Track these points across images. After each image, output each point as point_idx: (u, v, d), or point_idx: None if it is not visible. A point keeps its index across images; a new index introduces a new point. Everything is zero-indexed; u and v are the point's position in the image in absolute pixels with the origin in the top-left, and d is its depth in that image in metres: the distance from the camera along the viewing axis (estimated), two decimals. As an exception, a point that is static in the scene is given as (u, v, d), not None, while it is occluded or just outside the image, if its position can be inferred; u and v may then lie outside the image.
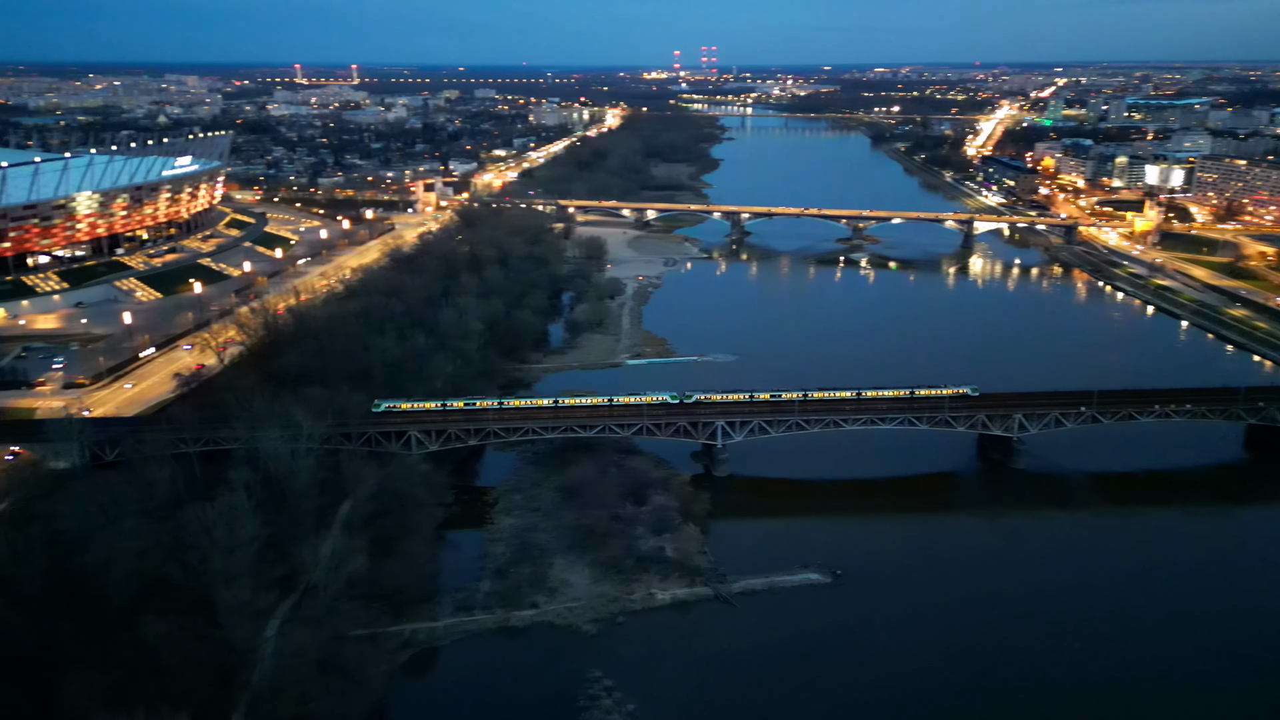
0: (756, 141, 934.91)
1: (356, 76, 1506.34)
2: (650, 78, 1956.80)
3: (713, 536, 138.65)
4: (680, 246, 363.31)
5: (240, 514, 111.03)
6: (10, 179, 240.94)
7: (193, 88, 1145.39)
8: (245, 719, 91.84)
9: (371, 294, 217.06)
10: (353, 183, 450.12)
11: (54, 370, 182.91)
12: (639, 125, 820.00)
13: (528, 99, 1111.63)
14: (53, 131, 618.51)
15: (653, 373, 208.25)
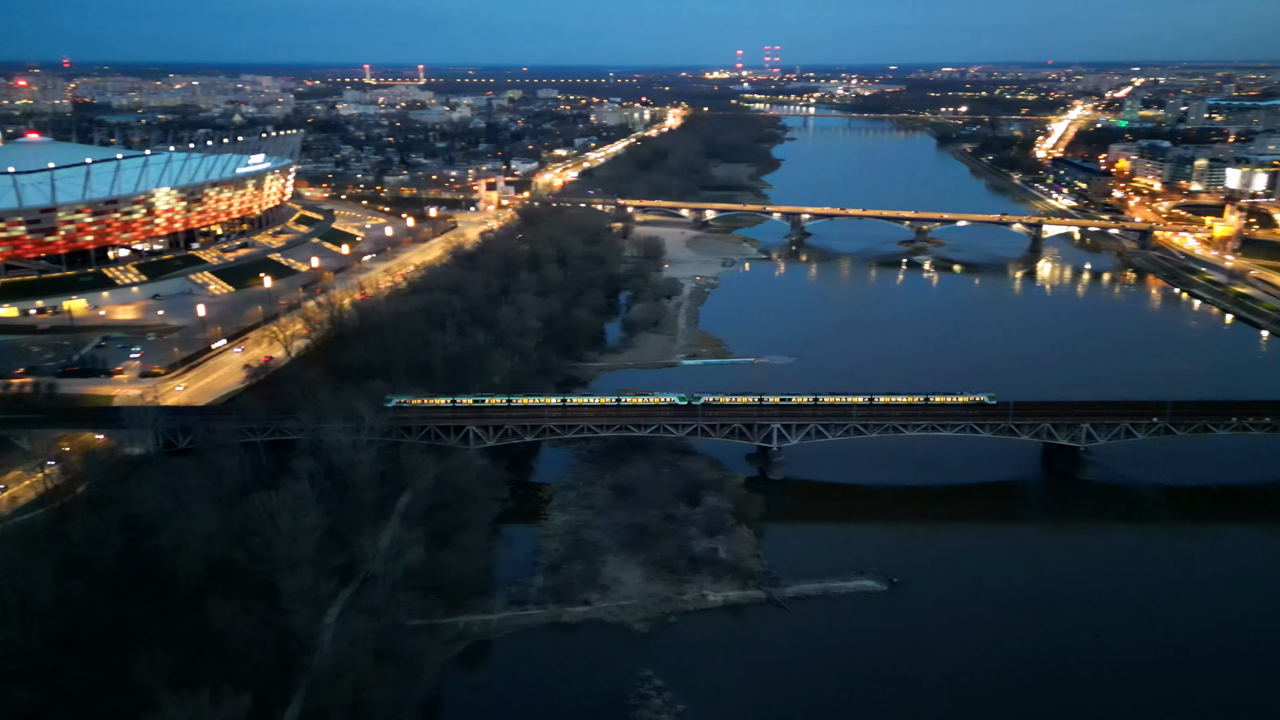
0: (819, 142, 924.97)
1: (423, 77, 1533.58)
2: (712, 77, 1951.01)
3: (767, 540, 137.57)
4: (739, 247, 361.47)
5: (304, 502, 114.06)
6: (94, 175, 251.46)
7: (266, 88, 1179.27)
8: (305, 703, 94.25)
9: (433, 290, 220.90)
10: (417, 181, 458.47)
11: (131, 359, 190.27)
12: (700, 125, 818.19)
13: (589, 99, 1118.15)
14: (134, 129, 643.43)
15: (708, 373, 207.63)
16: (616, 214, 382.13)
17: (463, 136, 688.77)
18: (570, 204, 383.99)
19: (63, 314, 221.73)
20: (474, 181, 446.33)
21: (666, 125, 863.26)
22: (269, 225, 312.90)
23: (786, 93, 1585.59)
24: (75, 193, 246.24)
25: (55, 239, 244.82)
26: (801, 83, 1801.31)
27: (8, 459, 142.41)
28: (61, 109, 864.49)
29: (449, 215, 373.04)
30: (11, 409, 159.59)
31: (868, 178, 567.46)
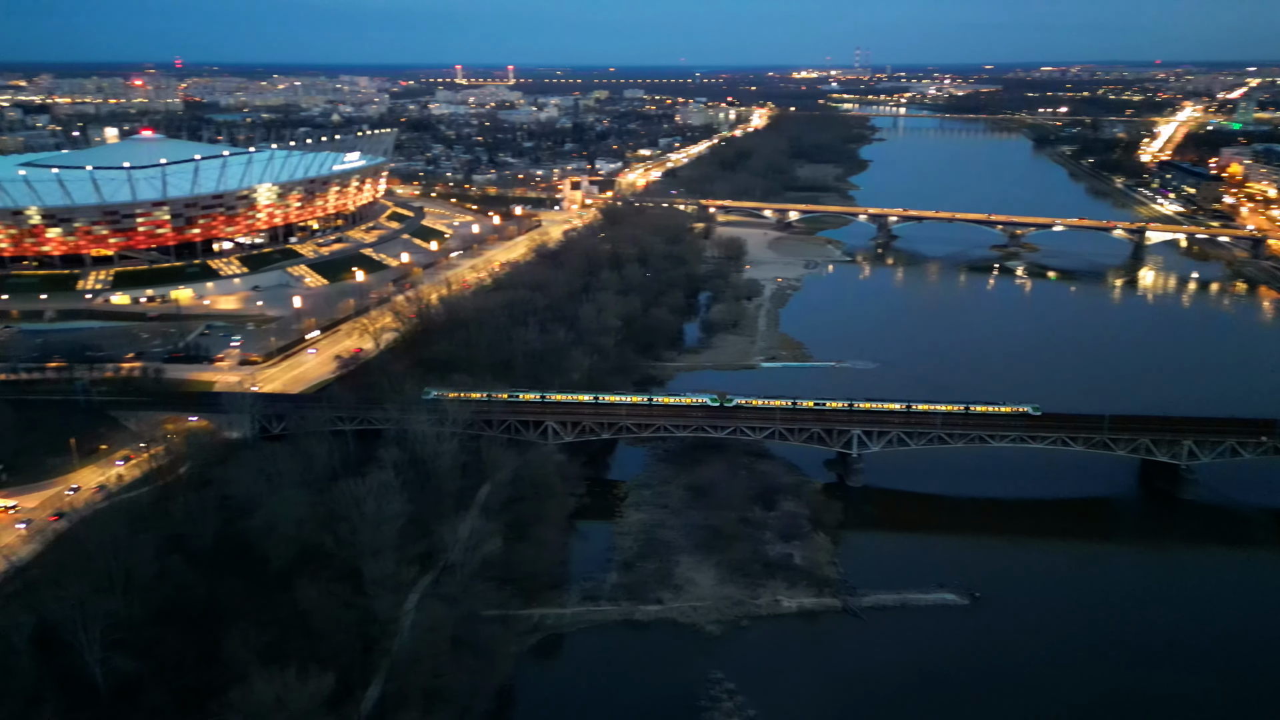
0: (909, 143, 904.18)
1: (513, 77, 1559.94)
2: (799, 77, 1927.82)
3: (843, 547, 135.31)
4: (822, 249, 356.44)
5: (388, 491, 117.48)
6: (202, 171, 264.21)
7: (363, 88, 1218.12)
8: (384, 686, 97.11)
9: (517, 287, 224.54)
10: (504, 180, 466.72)
11: (232, 348, 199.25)
12: (785, 125, 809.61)
13: (675, 99, 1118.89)
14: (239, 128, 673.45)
15: (787, 376, 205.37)
16: (699, 214, 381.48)
17: (549, 136, 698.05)
18: (653, 204, 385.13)
19: (170, 303, 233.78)
20: (559, 181, 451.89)
21: (751, 125, 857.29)
22: (362, 221, 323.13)
23: (876, 92, 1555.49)
24: (184, 187, 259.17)
25: (166, 232, 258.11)
26: (892, 82, 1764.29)
27: (117, 439, 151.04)
28: (174, 108, 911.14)
29: (534, 214, 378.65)
30: (121, 391, 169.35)
31: (959, 180, 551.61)
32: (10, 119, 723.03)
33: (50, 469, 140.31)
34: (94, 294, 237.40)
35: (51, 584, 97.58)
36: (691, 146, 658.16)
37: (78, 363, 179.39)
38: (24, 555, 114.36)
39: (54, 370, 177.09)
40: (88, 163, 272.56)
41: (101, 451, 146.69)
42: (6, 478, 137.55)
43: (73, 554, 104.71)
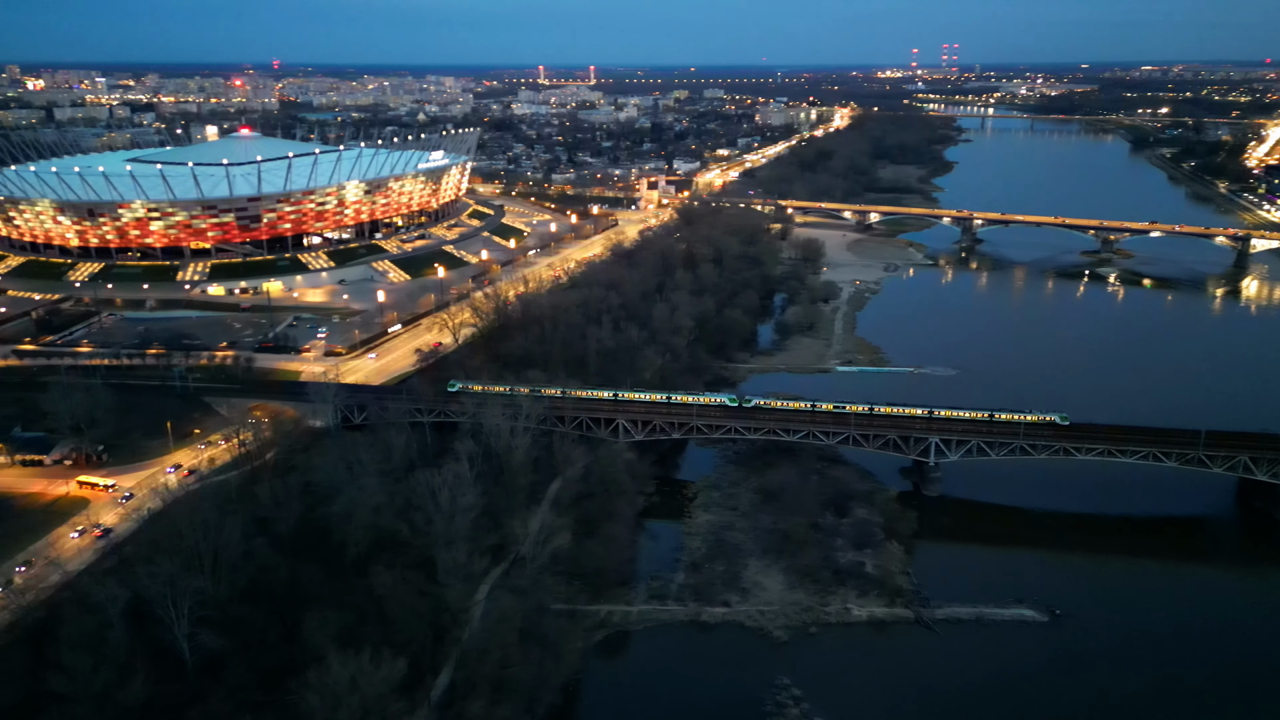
0: (997, 144, 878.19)
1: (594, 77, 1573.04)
2: (884, 76, 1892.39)
3: (918, 557, 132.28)
4: (903, 252, 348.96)
5: (463, 483, 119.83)
6: (294, 168, 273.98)
7: (449, 88, 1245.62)
8: (454, 673, 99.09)
9: (592, 286, 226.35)
10: (582, 180, 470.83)
11: (318, 339, 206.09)
12: (868, 125, 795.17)
13: (755, 99, 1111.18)
14: (331, 126, 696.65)
15: (863, 381, 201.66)
16: (776, 215, 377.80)
17: (628, 136, 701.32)
18: (730, 204, 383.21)
19: (262, 294, 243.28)
20: (636, 180, 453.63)
21: (833, 125, 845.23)
22: (444, 218, 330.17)
23: (964, 92, 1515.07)
24: (278, 184, 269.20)
25: (259, 226, 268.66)
26: (981, 82, 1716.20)
27: (209, 423, 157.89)
28: (270, 107, 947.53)
29: (610, 213, 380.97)
30: (215, 378, 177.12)
31: (1050, 183, 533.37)
32: (119, 117, 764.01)
33: (147, 450, 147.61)
34: (192, 285, 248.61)
35: (145, 561, 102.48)
36: (771, 147, 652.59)
37: (175, 350, 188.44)
38: (121, 532, 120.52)
39: (153, 357, 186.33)
40: (189, 159, 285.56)
41: (195, 435, 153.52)
42: (107, 457, 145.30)
43: (166, 533, 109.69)
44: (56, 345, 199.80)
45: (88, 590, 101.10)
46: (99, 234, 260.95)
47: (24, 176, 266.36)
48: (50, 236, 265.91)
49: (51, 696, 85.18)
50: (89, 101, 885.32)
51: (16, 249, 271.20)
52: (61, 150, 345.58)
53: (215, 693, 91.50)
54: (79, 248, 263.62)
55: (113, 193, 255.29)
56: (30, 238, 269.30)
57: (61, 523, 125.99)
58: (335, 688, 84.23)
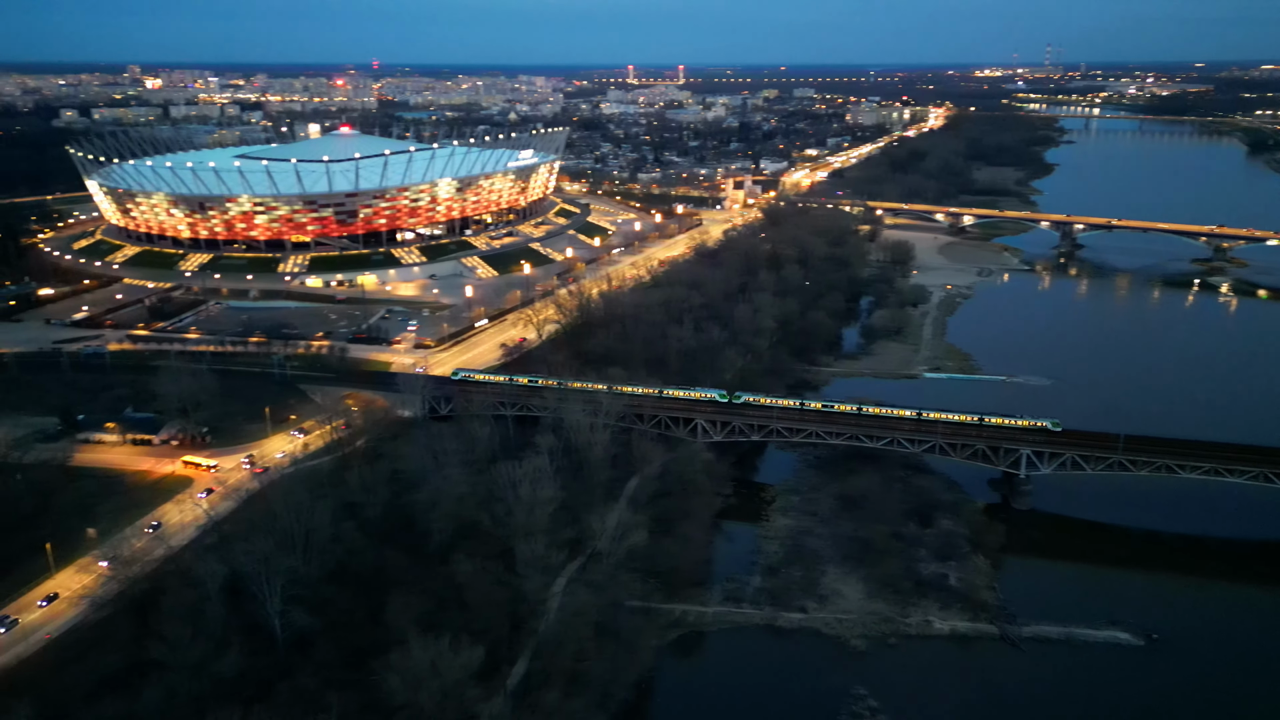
0: (1101, 146, 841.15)
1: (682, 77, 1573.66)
2: (982, 75, 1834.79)
3: (1004, 572, 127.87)
4: (998, 256, 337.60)
5: (542, 476, 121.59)
6: (390, 165, 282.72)
7: (539, 87, 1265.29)
8: (530, 663, 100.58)
9: (674, 285, 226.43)
10: (668, 179, 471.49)
11: (408, 331, 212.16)
12: (964, 126, 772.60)
13: (846, 98, 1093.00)
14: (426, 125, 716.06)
15: (952, 388, 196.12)
16: (864, 216, 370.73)
17: (715, 135, 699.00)
18: (817, 204, 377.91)
19: (357, 287, 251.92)
20: (722, 180, 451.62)
21: (927, 125, 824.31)
22: (532, 216, 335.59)
23: (1067, 92, 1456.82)
24: (374, 180, 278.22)
25: (356, 221, 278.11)
26: (1085, 81, 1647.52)
27: (304, 410, 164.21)
28: (369, 106, 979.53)
29: (695, 212, 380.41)
30: (311, 367, 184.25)
31: (1159, 188, 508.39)
32: (229, 115, 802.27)
33: (247, 434, 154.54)
34: (291, 276, 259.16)
35: (242, 539, 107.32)
36: (861, 147, 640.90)
37: (275, 339, 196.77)
38: (221, 511, 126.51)
39: (255, 344, 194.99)
40: (292, 156, 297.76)
41: (291, 421, 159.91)
42: (210, 439, 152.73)
43: (262, 513, 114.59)
44: (167, 331, 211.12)
45: (189, 565, 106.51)
46: (208, 226, 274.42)
47: (141, 171, 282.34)
48: (164, 228, 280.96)
49: (153, 664, 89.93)
50: (202, 100, 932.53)
51: (133, 239, 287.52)
52: (176, 147, 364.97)
53: (304, 669, 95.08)
54: (190, 239, 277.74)
55: (221, 187, 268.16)
56: (146, 229, 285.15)
57: (167, 499, 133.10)
58: (416, 671, 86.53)
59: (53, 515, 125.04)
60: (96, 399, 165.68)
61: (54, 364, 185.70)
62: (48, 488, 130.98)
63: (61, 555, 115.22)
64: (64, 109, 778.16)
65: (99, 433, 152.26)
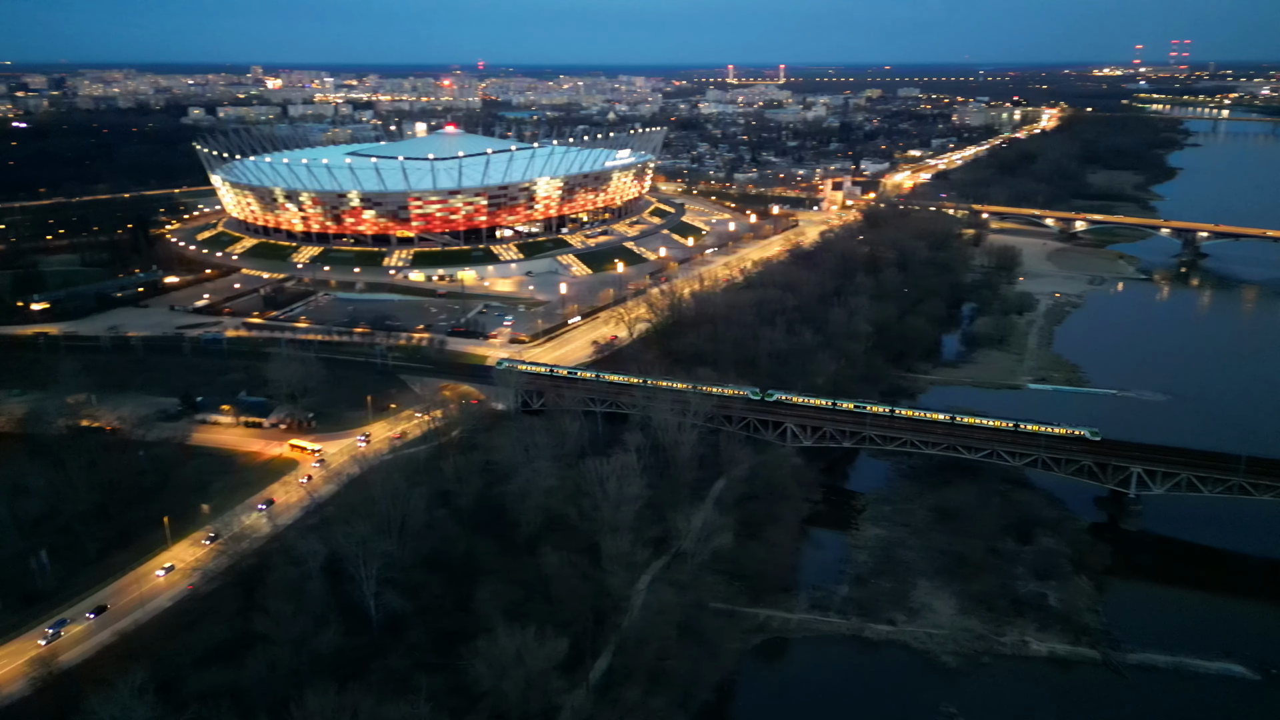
0: (1230, 150, 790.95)
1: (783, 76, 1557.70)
2: (1101, 75, 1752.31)
3: (1109, 595, 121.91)
4: (1112, 264, 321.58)
5: (630, 473, 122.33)
6: (491, 164, 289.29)
7: (639, 87, 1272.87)
8: (612, 658, 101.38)
9: (767, 286, 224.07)
10: (765, 179, 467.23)
11: (504, 326, 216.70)
12: (1079, 127, 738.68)
13: (953, 98, 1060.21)
14: (527, 124, 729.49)
15: (1058, 400, 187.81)
16: (969, 220, 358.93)
17: (815, 135, 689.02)
18: (919, 207, 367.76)
19: (456, 282, 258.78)
20: (820, 180, 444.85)
21: (1039, 127, 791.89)
22: (627, 215, 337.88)
23: (1193, 92, 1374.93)
24: (476, 178, 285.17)
25: (458, 217, 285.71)
26: (1214, 81, 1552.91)
27: (404, 399, 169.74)
28: (473, 105, 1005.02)
29: (791, 213, 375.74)
30: (411, 358, 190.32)
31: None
32: (342, 114, 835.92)
33: (350, 421, 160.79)
34: (396, 270, 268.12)
35: (342, 522, 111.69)
36: (967, 148, 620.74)
37: (378, 330, 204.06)
38: (323, 494, 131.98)
39: (359, 335, 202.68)
40: (400, 153, 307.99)
41: (391, 410, 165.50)
42: (316, 424, 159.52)
43: (361, 497, 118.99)
44: (279, 320, 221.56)
45: (293, 544, 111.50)
46: (320, 220, 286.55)
47: (260, 167, 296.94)
48: (279, 221, 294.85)
49: (257, 636, 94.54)
50: (318, 100, 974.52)
51: (251, 232, 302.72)
52: (292, 144, 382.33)
53: (395, 650, 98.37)
54: (302, 233, 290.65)
55: (333, 183, 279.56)
56: (263, 222, 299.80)
57: (274, 480, 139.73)
58: (502, 659, 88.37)
59: (171, 490, 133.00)
60: (214, 382, 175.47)
61: (176, 348, 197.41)
62: (167, 464, 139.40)
63: (177, 529, 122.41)
64: (192, 107, 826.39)
65: (215, 414, 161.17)
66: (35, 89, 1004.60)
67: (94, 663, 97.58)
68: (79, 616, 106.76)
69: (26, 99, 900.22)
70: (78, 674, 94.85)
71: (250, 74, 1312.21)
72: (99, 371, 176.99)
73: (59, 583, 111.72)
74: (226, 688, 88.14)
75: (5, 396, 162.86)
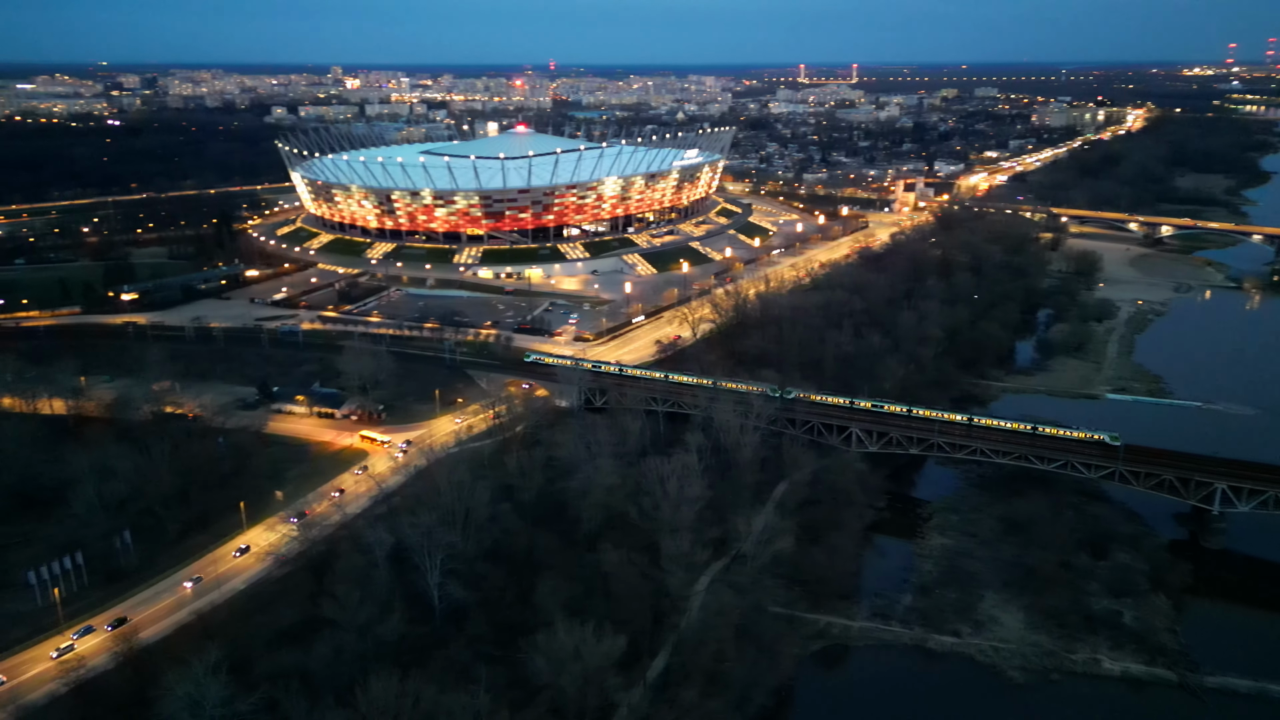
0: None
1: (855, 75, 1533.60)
2: (1191, 74, 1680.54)
3: (1188, 615, 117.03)
4: (1199, 271, 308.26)
5: (690, 473, 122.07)
6: (560, 163, 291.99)
7: (708, 87, 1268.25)
8: (670, 658, 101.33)
9: (834, 288, 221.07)
10: (835, 180, 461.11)
11: (569, 324, 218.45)
12: (1166, 128, 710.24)
13: (1032, 98, 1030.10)
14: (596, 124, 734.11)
15: (1138, 412, 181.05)
16: (1047, 223, 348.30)
17: (887, 136, 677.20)
18: (994, 209, 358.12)
19: (523, 280, 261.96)
20: (892, 182, 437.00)
21: (1124, 128, 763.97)
22: (693, 215, 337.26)
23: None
24: (545, 177, 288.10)
25: (526, 216, 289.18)
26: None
27: (470, 394, 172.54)
28: (544, 105, 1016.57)
29: (861, 215, 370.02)
30: (478, 354, 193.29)
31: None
32: (417, 113, 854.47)
33: (417, 414, 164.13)
34: (465, 267, 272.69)
35: (409, 512, 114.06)
36: (1047, 149, 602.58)
37: (447, 325, 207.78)
38: (392, 484, 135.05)
39: (429, 330, 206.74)
40: (471, 152, 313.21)
41: (458, 404, 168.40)
42: (385, 416, 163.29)
43: (427, 489, 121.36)
44: (352, 314, 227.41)
45: (361, 532, 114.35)
46: (393, 217, 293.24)
47: (338, 165, 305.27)
48: (355, 218, 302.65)
49: (324, 621, 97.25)
50: (394, 100, 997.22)
51: (328, 228, 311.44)
52: (369, 143, 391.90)
53: (457, 640, 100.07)
54: (376, 229, 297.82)
55: (407, 181, 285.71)
56: (339, 219, 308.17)
57: (344, 470, 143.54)
58: (560, 654, 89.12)
59: (247, 476, 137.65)
60: (289, 373, 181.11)
61: (255, 339, 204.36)
62: (244, 451, 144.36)
63: (252, 514, 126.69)
64: (275, 106, 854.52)
65: (290, 404, 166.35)
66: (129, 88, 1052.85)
67: (172, 640, 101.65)
68: (155, 598, 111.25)
69: (121, 98, 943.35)
70: (156, 651, 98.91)
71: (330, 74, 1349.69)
72: (183, 360, 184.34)
73: (141, 562, 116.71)
74: (295, 669, 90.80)
75: (96, 382, 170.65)
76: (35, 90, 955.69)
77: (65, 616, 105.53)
